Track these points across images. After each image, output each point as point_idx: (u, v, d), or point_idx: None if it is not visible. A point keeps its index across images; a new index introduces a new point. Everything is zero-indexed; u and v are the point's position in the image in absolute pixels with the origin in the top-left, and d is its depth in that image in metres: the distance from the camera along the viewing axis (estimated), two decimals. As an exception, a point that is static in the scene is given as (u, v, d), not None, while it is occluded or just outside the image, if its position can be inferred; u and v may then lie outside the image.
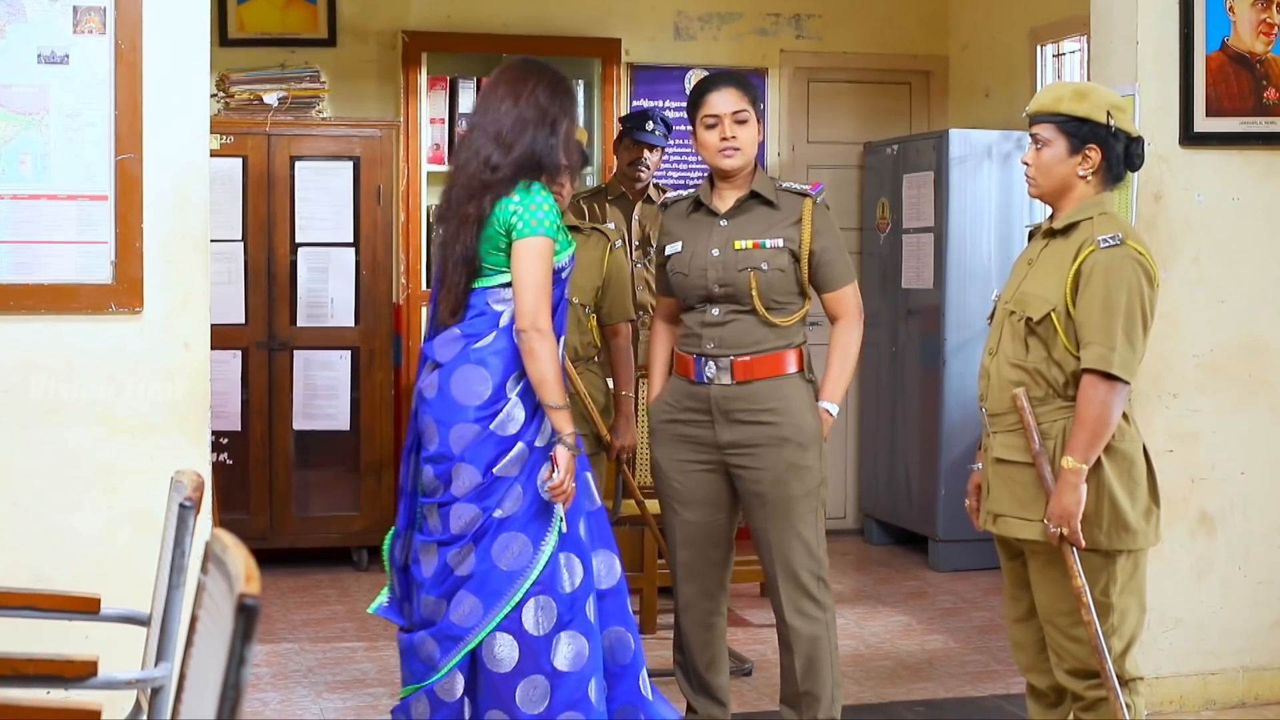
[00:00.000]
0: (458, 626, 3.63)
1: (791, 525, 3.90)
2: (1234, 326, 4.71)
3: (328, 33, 6.86)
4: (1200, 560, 4.71)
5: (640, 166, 6.03)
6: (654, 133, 6.01)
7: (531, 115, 3.69)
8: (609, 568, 3.80)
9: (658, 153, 6.07)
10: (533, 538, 3.63)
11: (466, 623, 3.62)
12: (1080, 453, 3.39)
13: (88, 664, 2.33)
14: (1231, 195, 4.70)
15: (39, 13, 3.82)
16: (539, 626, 3.63)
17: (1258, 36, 4.70)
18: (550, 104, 3.70)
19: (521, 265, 3.60)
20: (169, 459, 3.79)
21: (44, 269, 3.86)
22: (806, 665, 3.95)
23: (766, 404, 3.89)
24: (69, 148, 3.86)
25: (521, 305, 3.59)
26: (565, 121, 3.72)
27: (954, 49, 7.70)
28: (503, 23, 7.06)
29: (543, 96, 3.70)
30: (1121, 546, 3.46)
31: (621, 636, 3.81)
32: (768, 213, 3.95)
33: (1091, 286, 3.42)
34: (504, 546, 3.62)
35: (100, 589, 2.82)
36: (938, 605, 6.13)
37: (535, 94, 3.70)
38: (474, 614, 3.62)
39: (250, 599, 1.73)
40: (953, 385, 6.70)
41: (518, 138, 3.67)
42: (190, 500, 2.56)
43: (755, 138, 3.94)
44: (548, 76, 3.76)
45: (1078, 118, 3.51)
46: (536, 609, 3.62)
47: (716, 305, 3.93)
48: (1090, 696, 3.51)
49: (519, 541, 3.62)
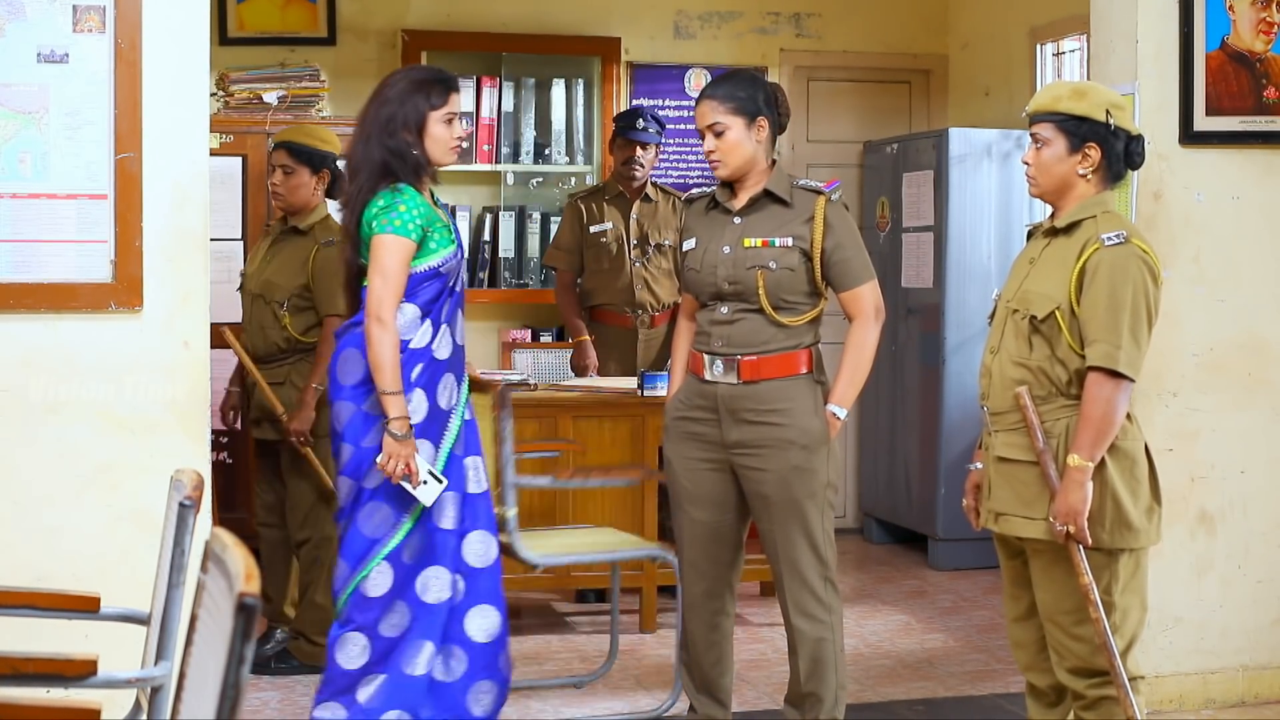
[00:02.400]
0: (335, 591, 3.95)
1: (797, 527, 3.90)
2: (1234, 325, 4.71)
3: (327, 31, 6.86)
4: (1200, 559, 4.71)
5: (634, 165, 6.03)
6: (645, 130, 6.01)
7: (380, 120, 3.89)
8: (486, 548, 4.00)
9: (651, 150, 6.07)
10: (395, 510, 3.87)
11: (336, 586, 3.93)
12: (1086, 451, 3.39)
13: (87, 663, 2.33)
14: (1231, 194, 4.70)
15: (39, 11, 3.82)
16: (380, 589, 3.89)
17: (1258, 35, 4.70)
18: (400, 106, 3.89)
19: (371, 260, 3.84)
20: (169, 458, 3.79)
21: (44, 268, 3.86)
22: (811, 666, 3.95)
23: (773, 405, 3.89)
24: (69, 146, 3.85)
25: (368, 297, 3.83)
26: (415, 120, 3.88)
27: (954, 48, 7.70)
28: (502, 22, 7.06)
29: (391, 101, 3.90)
30: (1124, 545, 3.46)
31: (487, 613, 3.99)
32: (781, 211, 3.95)
33: (1096, 284, 3.42)
34: (368, 515, 3.88)
35: (100, 588, 2.82)
36: (937, 604, 6.13)
37: (384, 99, 3.91)
38: (340, 577, 3.92)
39: (250, 598, 1.73)
40: (952, 384, 6.71)
41: (367, 147, 3.89)
42: (190, 499, 2.56)
43: (740, 142, 3.93)
44: (402, 79, 3.98)
45: (1077, 116, 3.51)
46: (378, 574, 3.89)
47: (726, 303, 3.94)
48: (1092, 695, 3.51)
49: (382, 511, 3.87)
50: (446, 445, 3.93)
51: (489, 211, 6.99)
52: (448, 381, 3.95)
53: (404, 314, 3.86)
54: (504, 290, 6.94)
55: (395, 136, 3.87)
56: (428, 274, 3.89)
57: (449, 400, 3.95)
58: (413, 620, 3.91)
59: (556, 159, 7.05)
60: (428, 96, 3.91)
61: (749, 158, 3.95)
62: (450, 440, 3.94)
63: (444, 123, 3.93)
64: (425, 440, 3.87)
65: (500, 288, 6.93)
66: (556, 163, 7.05)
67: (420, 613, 3.91)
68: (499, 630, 4.00)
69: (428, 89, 3.93)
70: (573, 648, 5.36)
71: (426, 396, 3.89)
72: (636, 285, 6.07)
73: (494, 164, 6.95)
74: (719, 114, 3.94)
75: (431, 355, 3.90)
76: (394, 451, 3.78)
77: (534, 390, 5.65)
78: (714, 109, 3.94)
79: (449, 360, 3.95)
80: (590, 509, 5.52)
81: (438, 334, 3.91)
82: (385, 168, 3.87)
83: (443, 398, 3.93)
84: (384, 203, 3.84)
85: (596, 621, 5.77)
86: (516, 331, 6.93)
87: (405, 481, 3.80)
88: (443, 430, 3.93)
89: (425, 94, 3.91)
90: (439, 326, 3.91)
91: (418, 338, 3.88)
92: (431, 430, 3.90)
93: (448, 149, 3.96)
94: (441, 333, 3.92)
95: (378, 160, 3.87)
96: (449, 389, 3.95)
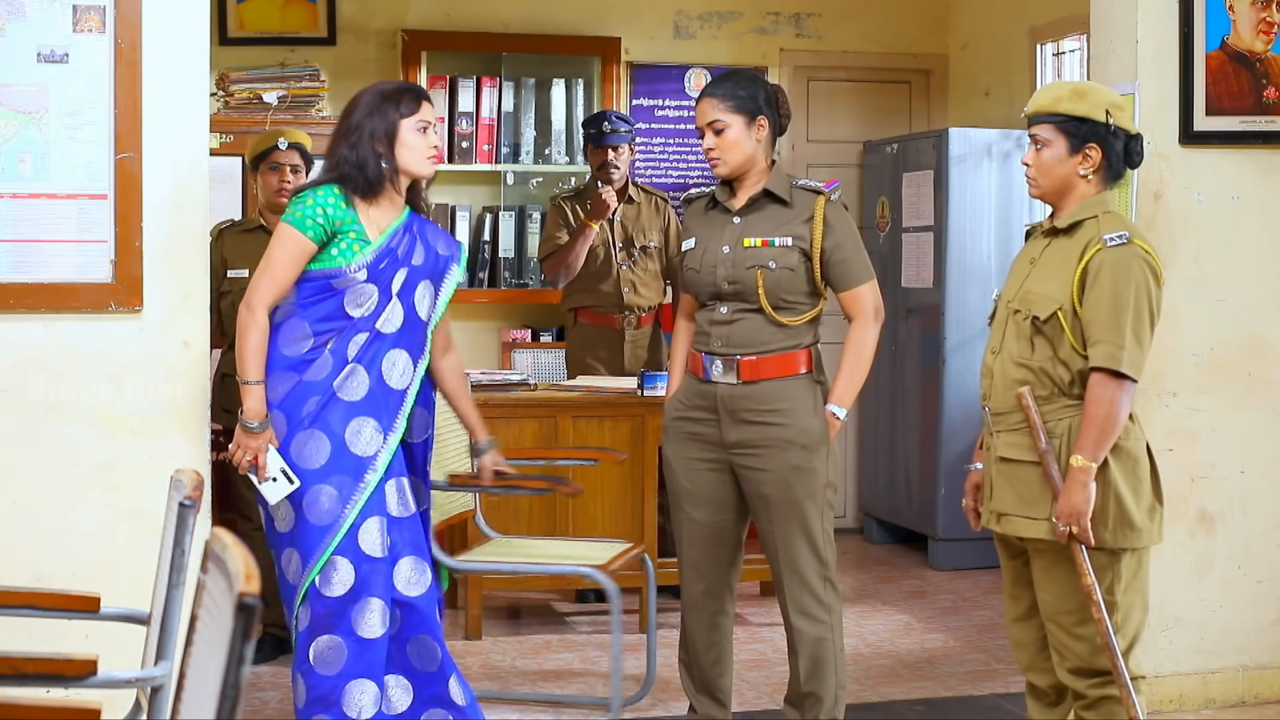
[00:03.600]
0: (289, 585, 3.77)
1: (797, 527, 3.90)
2: (1234, 325, 4.71)
3: (327, 31, 6.86)
4: (1200, 559, 4.71)
5: (610, 168, 5.95)
6: (614, 132, 5.95)
7: (344, 131, 3.81)
8: (419, 575, 3.82)
9: (625, 150, 5.99)
10: (302, 553, 3.69)
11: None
12: (1089, 451, 3.39)
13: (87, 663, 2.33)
14: (1231, 194, 4.70)
15: (39, 11, 3.82)
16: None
17: (1257, 35, 4.70)
18: (368, 116, 3.79)
19: None
20: (168, 458, 3.79)
21: (44, 268, 3.86)
22: (811, 666, 3.95)
23: (772, 405, 3.89)
24: (69, 146, 3.85)
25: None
26: (385, 130, 3.76)
27: (954, 48, 7.70)
28: (502, 22, 7.06)
29: (359, 110, 3.81)
30: (1127, 545, 3.46)
31: (426, 644, 3.83)
32: (780, 211, 3.95)
33: (1099, 285, 3.42)
34: (288, 560, 3.73)
35: (100, 588, 2.82)
36: (937, 604, 6.13)
37: (353, 110, 3.82)
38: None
39: (250, 598, 1.72)
40: (952, 384, 6.71)
41: (329, 159, 3.82)
42: (190, 499, 2.56)
43: (739, 141, 3.93)
44: (369, 93, 3.85)
45: (1077, 117, 3.51)
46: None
47: (725, 303, 3.94)
48: (1093, 695, 3.51)
49: (293, 558, 3.72)
50: (362, 498, 3.69)
51: (489, 211, 6.99)
52: (361, 426, 3.71)
53: (293, 329, 3.71)
54: (504, 290, 6.94)
55: (359, 148, 3.74)
56: (319, 282, 3.71)
57: (365, 447, 3.71)
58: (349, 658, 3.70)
59: (556, 159, 7.05)
60: (398, 105, 3.79)
61: (748, 156, 3.95)
62: (367, 492, 3.69)
63: (417, 131, 3.80)
64: (329, 486, 3.66)
65: (500, 287, 6.93)
66: (556, 163, 7.05)
67: (358, 649, 3.70)
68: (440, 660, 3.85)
69: (397, 98, 3.81)
70: (572, 647, 5.36)
71: (327, 437, 3.68)
72: (624, 288, 6.03)
73: (494, 164, 6.95)
74: (719, 112, 3.94)
75: (333, 393, 3.69)
76: (243, 443, 3.65)
77: (534, 390, 5.64)
78: (714, 106, 3.94)
79: (363, 403, 3.71)
80: (591, 515, 5.52)
81: (341, 370, 3.69)
82: (339, 176, 3.75)
83: (355, 443, 3.70)
84: (298, 197, 3.75)
85: (596, 621, 5.77)
86: (516, 331, 6.93)
87: (252, 474, 3.66)
88: (357, 480, 3.69)
89: (395, 103, 3.79)
90: (344, 364, 3.70)
91: (313, 369, 3.70)
92: (338, 473, 3.68)
93: (424, 158, 3.82)
94: (350, 372, 3.70)
95: (330, 168, 3.78)
96: (366, 436, 3.71)
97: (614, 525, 5.51)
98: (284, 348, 3.72)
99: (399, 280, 3.78)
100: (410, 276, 3.80)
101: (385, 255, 3.76)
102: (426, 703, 3.85)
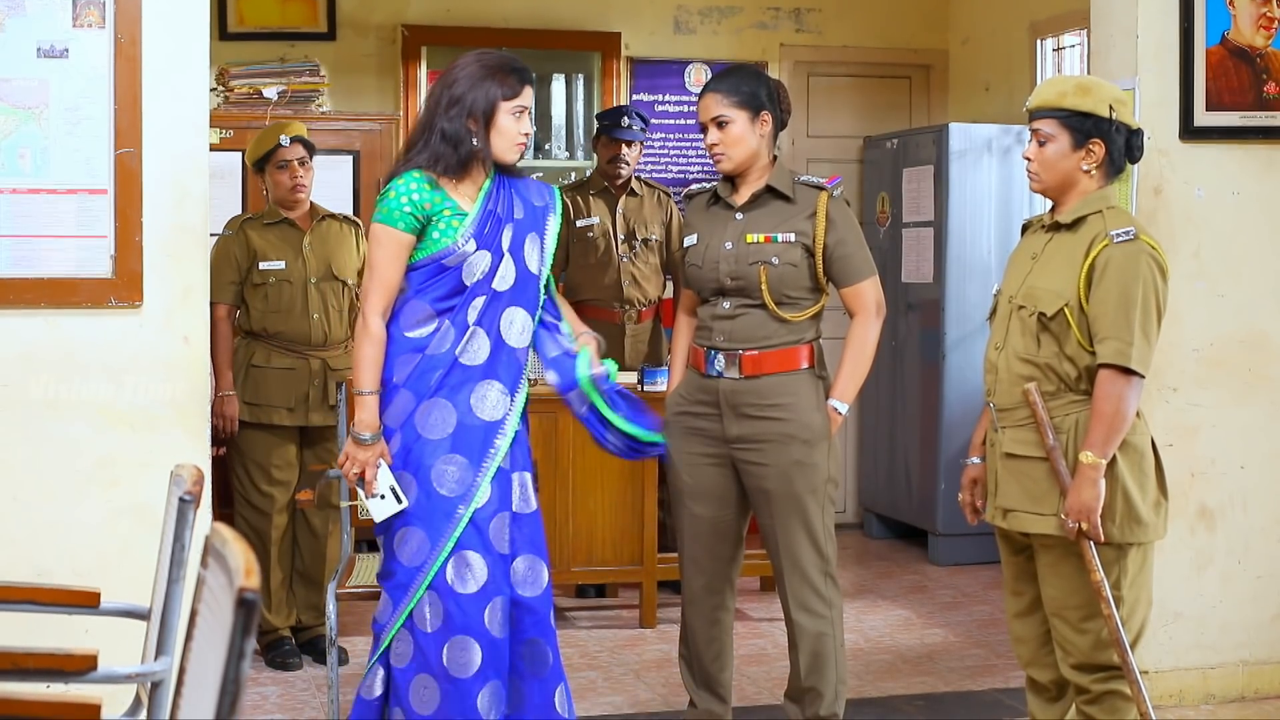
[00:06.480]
0: (377, 622, 3.71)
1: (797, 522, 3.90)
2: (1234, 321, 4.71)
3: (327, 26, 6.86)
4: (1200, 554, 4.71)
5: (619, 163, 6.02)
6: (630, 128, 6.00)
7: (444, 101, 3.64)
8: (535, 575, 3.70)
9: (636, 147, 6.06)
10: (430, 534, 3.59)
11: (382, 617, 3.69)
12: (1099, 447, 3.38)
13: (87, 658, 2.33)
14: (1231, 189, 4.70)
15: (38, 6, 3.82)
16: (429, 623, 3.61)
17: (1258, 30, 4.69)
18: (469, 89, 3.61)
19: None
20: (168, 453, 3.79)
21: (43, 263, 3.86)
22: (811, 661, 3.95)
23: (774, 399, 3.89)
24: (68, 142, 3.85)
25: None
26: (484, 108, 3.60)
27: (954, 43, 7.69)
28: (502, 17, 7.05)
29: (461, 82, 3.63)
30: (1133, 539, 3.46)
31: (540, 647, 3.72)
32: (783, 207, 3.95)
33: (1106, 281, 3.41)
34: (403, 541, 3.63)
35: (100, 583, 2.82)
36: (937, 599, 6.13)
37: (453, 80, 3.65)
38: (385, 609, 3.68)
39: (250, 593, 1.72)
40: (952, 379, 6.70)
41: (422, 129, 3.67)
42: (190, 494, 2.56)
43: (744, 136, 3.92)
44: (473, 61, 3.66)
45: (1081, 113, 3.50)
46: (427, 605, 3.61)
47: (728, 298, 3.94)
48: (1097, 690, 3.50)
49: (417, 536, 3.61)
50: (493, 464, 3.62)
51: (489, 207, 6.98)
52: (486, 390, 3.64)
53: (415, 311, 3.63)
54: (504, 286, 6.93)
55: (456, 121, 3.59)
56: (430, 268, 3.63)
57: (492, 411, 3.64)
58: None
59: (556, 154, 7.05)
60: (501, 85, 3.60)
61: (752, 152, 3.95)
62: (498, 458, 3.63)
63: (513, 115, 3.62)
64: (457, 455, 3.58)
65: (500, 283, 6.93)
66: (556, 158, 7.05)
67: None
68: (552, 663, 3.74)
69: (501, 77, 3.61)
70: (573, 642, 5.36)
71: (453, 406, 3.60)
72: (624, 281, 6.05)
73: (494, 159, 6.94)
74: (723, 107, 3.93)
75: (455, 361, 3.61)
76: (352, 454, 3.59)
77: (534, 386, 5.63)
78: (718, 102, 3.94)
79: (486, 366, 3.63)
80: (590, 506, 5.52)
81: (463, 338, 3.61)
82: (430, 155, 3.61)
83: (481, 409, 3.62)
84: (382, 193, 3.67)
85: (596, 616, 5.78)
86: (516, 327, 6.92)
87: (359, 487, 3.60)
88: (485, 446, 3.62)
89: (498, 81, 3.61)
90: (465, 330, 3.62)
91: (435, 343, 3.62)
92: (465, 445, 3.60)
93: (513, 144, 3.64)
94: (470, 336, 3.61)
95: (420, 143, 3.62)
96: (492, 400, 3.64)
97: (614, 520, 5.51)
98: (407, 330, 3.63)
99: (507, 236, 3.67)
100: (517, 231, 3.68)
101: (486, 219, 3.65)
102: (536, 707, 3.71)
